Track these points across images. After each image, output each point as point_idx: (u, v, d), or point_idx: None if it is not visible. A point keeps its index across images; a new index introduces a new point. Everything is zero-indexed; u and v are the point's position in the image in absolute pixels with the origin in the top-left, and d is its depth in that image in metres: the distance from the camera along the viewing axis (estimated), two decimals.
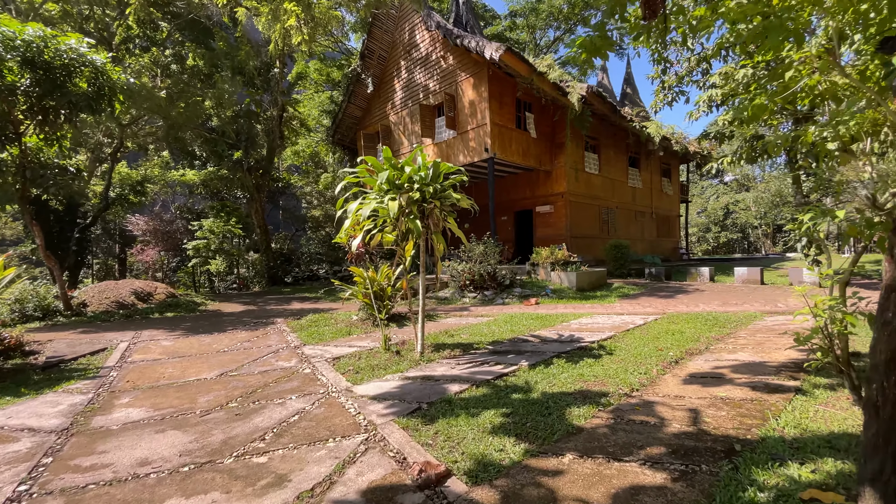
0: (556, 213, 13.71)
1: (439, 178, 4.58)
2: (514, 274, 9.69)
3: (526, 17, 24.14)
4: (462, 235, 4.92)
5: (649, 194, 18.76)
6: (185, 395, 3.93)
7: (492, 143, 11.35)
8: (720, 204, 48.03)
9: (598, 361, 4.35)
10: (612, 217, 15.96)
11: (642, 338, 5.30)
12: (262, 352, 5.57)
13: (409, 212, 4.30)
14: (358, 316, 7.34)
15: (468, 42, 10.67)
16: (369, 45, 14.38)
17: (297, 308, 9.47)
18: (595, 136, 15.07)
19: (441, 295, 9.59)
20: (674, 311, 7.03)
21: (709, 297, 8.29)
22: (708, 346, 4.86)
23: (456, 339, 5.69)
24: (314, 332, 6.49)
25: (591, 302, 8.40)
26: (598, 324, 6.23)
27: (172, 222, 16.92)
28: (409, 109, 13.93)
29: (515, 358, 4.55)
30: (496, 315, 7.32)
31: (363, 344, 5.64)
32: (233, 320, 8.19)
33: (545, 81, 11.32)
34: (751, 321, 6.04)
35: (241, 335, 6.70)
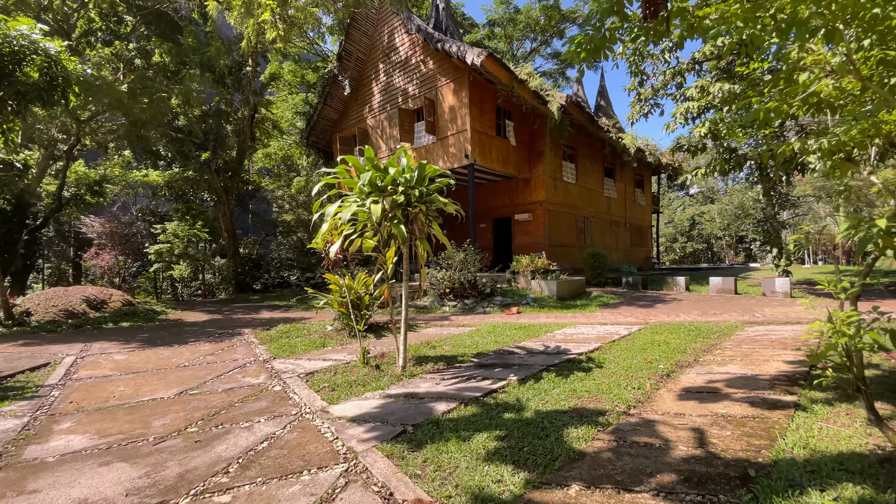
0: (534, 222, 13.68)
1: (425, 182, 4.33)
2: (495, 282, 9.51)
3: (504, 27, 24.37)
4: (447, 242, 4.67)
5: (623, 204, 19.08)
6: (138, 419, 3.49)
7: (472, 149, 11.20)
8: (686, 215, 49.77)
9: (588, 375, 4.17)
10: (589, 226, 16.10)
11: (629, 349, 5.18)
12: (228, 366, 5.13)
13: (393, 216, 4.02)
14: (333, 326, 6.95)
15: (449, 46, 10.52)
16: (347, 47, 14.05)
17: (266, 317, 8.95)
18: (573, 146, 15.20)
19: (420, 303, 9.29)
20: (655, 321, 6.98)
21: (687, 307, 8.33)
22: (696, 357, 4.76)
23: (438, 350, 5.41)
24: (285, 343, 6.07)
25: (572, 311, 8.29)
26: (583, 334, 6.09)
27: (132, 224, 15.91)
28: (388, 113, 13.65)
29: (503, 372, 4.31)
30: (478, 325, 7.09)
31: (339, 357, 5.28)
32: (195, 331, 7.62)
33: (526, 89, 11.29)
34: (733, 331, 6.03)
35: (203, 347, 6.20)
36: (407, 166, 4.18)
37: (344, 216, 3.73)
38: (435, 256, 11.38)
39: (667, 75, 12.06)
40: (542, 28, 24.87)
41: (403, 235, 3.81)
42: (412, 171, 4.18)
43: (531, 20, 24.04)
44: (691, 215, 49.65)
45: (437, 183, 4.31)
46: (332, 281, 6.28)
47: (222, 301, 13.65)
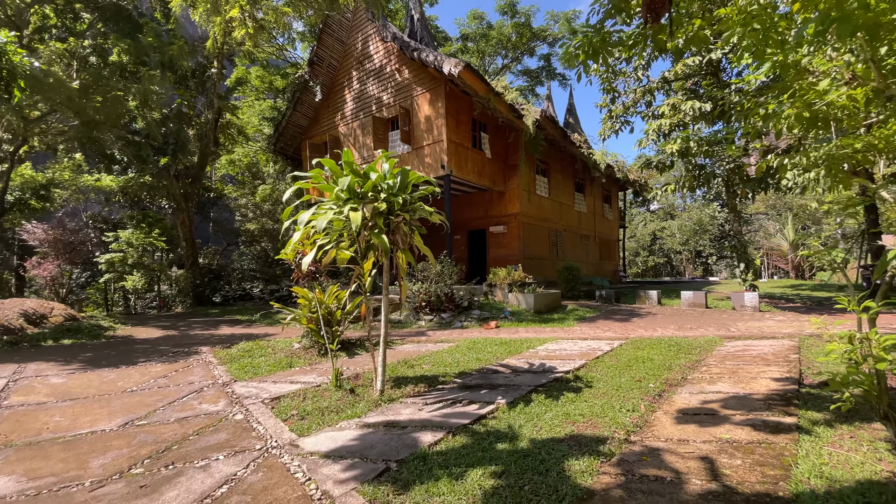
0: (509, 234, 13.60)
1: (407, 189, 4.03)
2: (472, 295, 9.25)
3: (477, 42, 24.64)
4: (429, 253, 4.37)
5: (593, 219, 19.41)
6: (74, 457, 2.98)
7: (448, 160, 11.01)
8: (648, 230, 51.58)
9: (579, 396, 3.94)
10: (561, 239, 16.21)
11: (615, 366, 5.01)
12: (182, 391, 4.59)
13: (374, 225, 3.69)
14: (300, 344, 6.46)
15: (426, 56, 10.36)
16: (319, 52, 13.66)
17: (226, 333, 8.30)
18: (545, 161, 15.32)
19: (395, 318, 8.89)
20: (635, 335, 6.90)
21: (663, 321, 8.34)
22: (684, 375, 4.64)
23: (418, 370, 5.06)
24: (247, 364, 5.54)
25: (550, 325, 8.13)
26: (566, 350, 5.89)
27: (78, 232, 14.64)
28: (361, 121, 13.30)
29: (490, 394, 4.02)
30: (457, 341, 6.78)
31: (308, 379, 4.83)
32: (146, 349, 6.91)
33: (501, 102, 11.27)
34: (713, 347, 6.00)
35: (155, 369, 5.57)
36: (389, 172, 3.87)
37: (319, 224, 3.37)
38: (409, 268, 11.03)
39: (637, 93, 12.38)
40: (513, 45, 25.33)
41: (385, 246, 3.49)
42: (394, 177, 3.87)
43: (503, 37, 24.44)
44: (652, 230, 51.52)
45: (420, 191, 4.02)
46: (301, 294, 5.83)
47: (178, 315, 12.71)
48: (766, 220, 41.80)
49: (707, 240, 46.24)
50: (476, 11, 23.46)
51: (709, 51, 9.52)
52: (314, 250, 3.65)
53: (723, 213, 46.16)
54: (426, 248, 4.34)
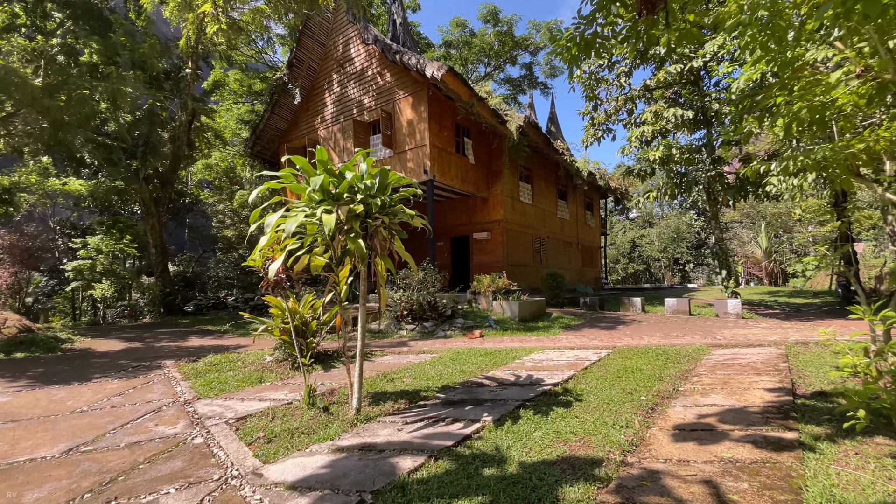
0: (493, 241, 13.43)
1: (387, 190, 3.77)
2: (455, 303, 9.00)
3: (459, 49, 24.66)
4: (411, 260, 4.10)
5: (575, 226, 19.45)
6: (6, 488, 2.61)
7: (431, 164, 10.78)
8: (627, 238, 52.35)
9: (569, 412, 3.71)
10: (544, 246, 16.13)
11: (604, 378, 4.81)
12: (138, 411, 4.18)
13: (350, 229, 3.41)
14: (273, 356, 6.08)
15: (408, 59, 10.16)
16: (298, 54, 13.32)
17: (195, 345, 7.82)
18: (529, 168, 15.26)
19: (375, 327, 8.56)
20: (622, 344, 6.75)
21: (649, 329, 8.24)
22: (676, 386, 4.46)
23: (398, 384, 4.76)
24: (214, 379, 5.15)
25: (536, 334, 7.92)
26: (553, 361, 5.68)
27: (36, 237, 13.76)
28: (342, 125, 12.99)
29: (475, 410, 3.75)
30: (440, 351, 6.50)
31: (279, 395, 4.48)
32: (104, 364, 6.41)
33: (485, 107, 11.14)
34: (701, 355, 5.87)
35: (111, 386, 5.12)
36: (367, 172, 3.60)
37: (288, 228, 3.07)
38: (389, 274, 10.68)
39: (619, 101, 12.43)
40: (496, 53, 25.43)
41: (362, 252, 3.21)
42: (373, 178, 3.61)
43: (486, 45, 24.52)
44: (632, 238, 52.32)
45: (401, 192, 3.76)
46: (274, 304, 5.48)
47: (146, 326, 12.05)
48: (739, 228, 42.89)
49: (685, 247, 47.18)
50: (459, 19, 23.53)
51: (689, 59, 9.59)
52: (283, 256, 3.34)
53: (699, 221, 47.25)
54: (407, 254, 4.08)
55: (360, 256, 3.18)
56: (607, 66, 11.10)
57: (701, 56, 9.36)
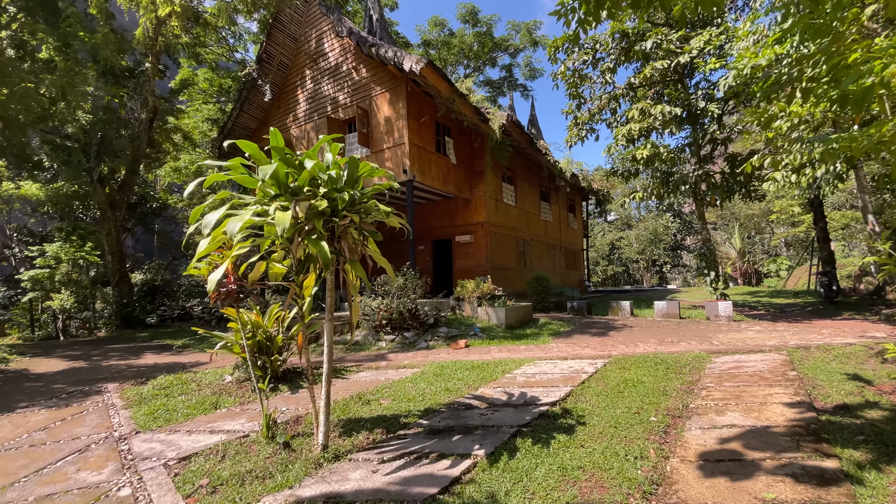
0: (476, 244, 12.93)
1: (358, 184, 3.20)
2: (438, 310, 8.43)
3: (439, 49, 24.23)
4: (387, 265, 3.53)
5: (558, 228, 19.17)
6: None
7: (411, 164, 10.22)
8: (606, 240, 52.84)
9: (573, 439, 3.21)
10: (528, 249, 15.74)
11: (605, 393, 4.33)
12: (61, 450, 3.49)
13: (311, 229, 2.83)
14: (233, 376, 5.39)
15: (384, 52, 9.60)
16: (268, 49, 12.59)
17: (148, 363, 7.02)
18: (511, 168, 14.87)
19: (351, 339, 7.91)
20: (617, 353, 6.31)
21: (642, 335, 7.85)
22: (685, 402, 4.01)
23: (374, 407, 4.17)
24: (160, 406, 4.44)
25: (525, 342, 7.43)
26: (547, 374, 5.17)
27: None
28: (315, 123, 12.31)
29: (464, 441, 3.20)
30: (422, 365, 5.93)
31: (234, 426, 3.83)
32: (36, 388, 5.58)
33: (466, 104, 10.66)
34: (703, 364, 5.47)
35: (36, 418, 4.35)
36: (332, 161, 3.03)
37: (231, 228, 2.47)
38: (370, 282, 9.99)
39: (602, 100, 12.15)
40: (475, 54, 25.11)
41: (326, 256, 2.63)
42: (339, 168, 3.03)
43: (465, 45, 24.17)
44: (611, 240, 52.83)
45: (374, 186, 3.19)
46: (233, 317, 4.81)
47: (98, 341, 11.03)
48: (712, 229, 43.71)
49: (662, 249, 47.85)
50: (437, 18, 23.10)
51: (676, 55, 9.35)
52: (225, 264, 2.73)
53: (675, 223, 47.97)
54: (383, 259, 3.51)
55: (323, 262, 2.60)
56: (591, 62, 10.80)
57: (687, 52, 9.11)
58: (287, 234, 2.48)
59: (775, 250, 37.41)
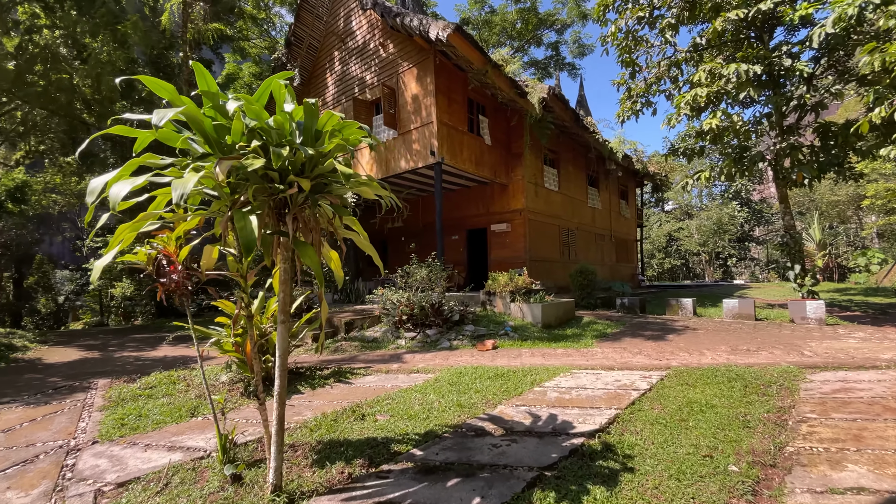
0: (513, 233, 11.88)
1: (322, 142, 2.39)
2: (466, 305, 7.57)
3: (479, 29, 23.02)
4: (374, 253, 2.73)
5: (608, 216, 17.59)
6: None
7: (439, 145, 9.36)
8: (663, 231, 49.35)
9: (616, 493, 2.27)
10: (573, 239, 14.43)
11: (662, 422, 3.30)
12: (6, 459, 3.07)
13: (241, 200, 2.07)
14: (227, 376, 4.84)
15: (409, 21, 8.76)
16: (297, 31, 12.16)
17: (158, 356, 6.73)
18: (554, 150, 13.59)
19: (369, 335, 7.25)
20: (678, 362, 5.16)
21: (709, 340, 6.57)
22: (778, 442, 2.91)
23: (367, 425, 3.41)
24: (135, 410, 3.94)
25: (563, 345, 6.41)
26: (587, 390, 4.18)
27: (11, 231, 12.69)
28: (343, 106, 11.74)
29: (460, 490, 2.35)
30: (439, 370, 5.11)
31: (199, 442, 3.22)
32: (31, 381, 5.33)
33: (500, 76, 9.61)
34: (794, 383, 4.23)
35: (8, 416, 3.99)
36: (283, 111, 2.24)
37: (116, 193, 1.75)
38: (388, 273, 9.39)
39: (661, 67, 10.61)
40: (518, 33, 23.66)
41: (248, 236, 1.85)
42: (286, 116, 2.24)
43: (507, 23, 22.78)
44: (668, 231, 49.30)
45: (336, 141, 2.34)
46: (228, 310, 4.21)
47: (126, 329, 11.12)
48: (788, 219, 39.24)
49: (727, 240, 43.85)
50: None
51: (755, 1, 7.76)
52: (115, 248, 2.03)
53: (743, 211, 43.83)
54: (369, 246, 2.72)
55: (243, 242, 1.81)
56: (648, 20, 9.35)
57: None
58: (182, 202, 1.71)
59: (863, 242, 33.03)
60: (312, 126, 2.37)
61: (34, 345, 7.65)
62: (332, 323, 7.96)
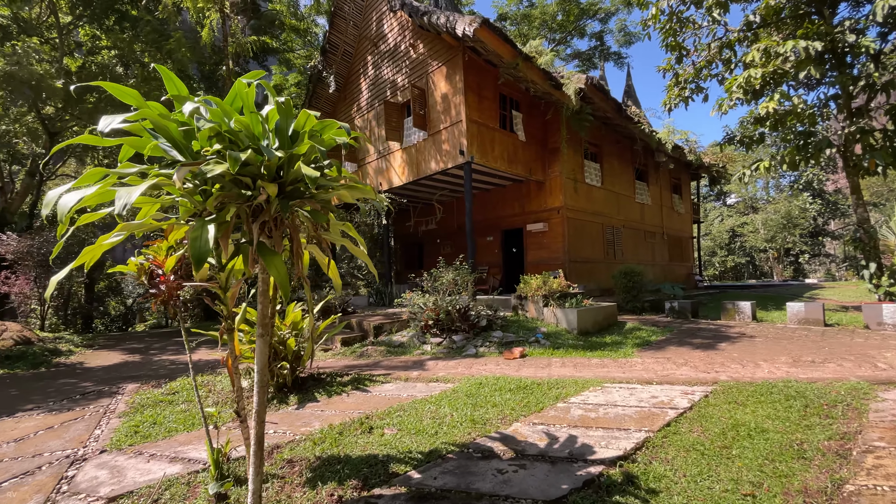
0: (550, 233, 11.36)
1: (300, 143, 2.23)
2: (495, 310, 7.26)
3: (518, 24, 22.47)
4: (367, 260, 2.55)
5: (659, 212, 16.48)
6: None
7: (468, 143, 9.10)
8: (725, 227, 45.90)
9: None
10: (618, 238, 13.61)
11: (700, 449, 2.86)
12: (9, 470, 3.15)
13: (201, 211, 1.95)
14: (247, 382, 4.88)
15: (436, 19, 8.58)
16: (332, 39, 12.37)
17: (193, 360, 6.98)
18: (596, 143, 12.89)
19: (396, 339, 7.14)
20: (727, 376, 4.58)
21: (767, 349, 5.84)
22: (836, 478, 2.42)
23: (372, 439, 3.25)
24: (150, 417, 4.02)
25: (598, 354, 5.94)
26: (616, 407, 3.77)
27: None
28: (376, 110, 11.79)
29: None
30: (460, 379, 4.87)
31: (201, 453, 3.22)
32: (63, 386, 5.58)
33: (533, 69, 9.18)
34: (864, 402, 3.60)
35: (26, 424, 4.13)
36: (248, 105, 2.12)
37: (64, 203, 1.68)
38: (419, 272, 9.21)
39: (711, 49, 9.72)
40: (559, 25, 22.85)
41: (202, 247, 1.72)
42: (256, 119, 2.10)
43: (547, 16, 22.05)
44: (731, 227, 45.80)
45: (307, 143, 2.17)
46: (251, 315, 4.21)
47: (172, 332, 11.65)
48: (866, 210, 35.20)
49: (797, 235, 40.00)
50: None
51: None
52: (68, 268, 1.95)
53: (815, 203, 39.91)
54: (362, 252, 2.55)
55: (192, 255, 1.68)
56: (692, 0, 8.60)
57: None
58: (124, 212, 1.60)
59: None
60: (287, 127, 2.22)
61: (79, 349, 8.20)
62: (362, 327, 7.93)
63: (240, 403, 2.49)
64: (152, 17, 10.50)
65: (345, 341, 7.31)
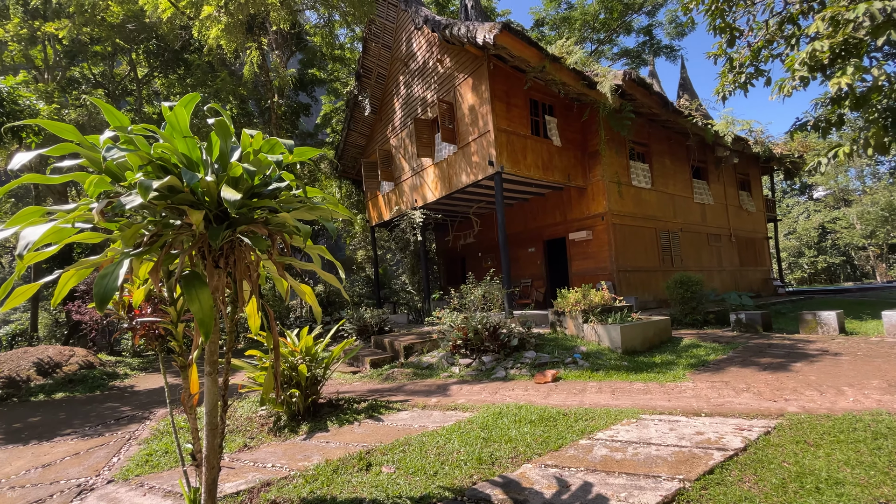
0: (595, 241, 10.60)
1: (235, 167, 2.08)
2: (529, 327, 6.76)
3: (558, 28, 21.87)
4: (336, 282, 2.35)
5: (724, 212, 14.95)
6: None
7: (497, 153, 8.76)
8: (812, 223, 41.11)
9: None
10: (675, 243, 12.44)
11: None
12: (24, 497, 3.23)
13: (138, 243, 1.84)
14: (265, 409, 4.84)
15: (458, 30, 8.42)
16: (365, 63, 12.67)
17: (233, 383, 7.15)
18: (643, 142, 11.98)
19: (426, 360, 6.87)
20: (797, 407, 3.81)
21: (854, 372, 4.86)
22: None
23: (367, 479, 3.00)
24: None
25: (643, 377, 5.27)
26: (650, 444, 3.22)
27: None
28: (409, 129, 11.82)
29: None
30: (479, 408, 4.49)
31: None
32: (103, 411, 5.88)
33: (562, 70, 8.68)
34: None
35: (57, 449, 4.34)
36: (181, 126, 2.01)
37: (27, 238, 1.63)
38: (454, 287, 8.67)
39: (769, 27, 8.67)
40: (602, 24, 21.94)
41: (109, 285, 1.59)
42: (192, 141, 1.98)
43: (589, 16, 21.27)
44: (819, 223, 40.96)
45: (234, 164, 2.00)
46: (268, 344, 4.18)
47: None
48: None
49: None
50: None
51: None
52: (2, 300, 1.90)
53: None
54: (332, 277, 2.37)
55: (96, 294, 1.55)
56: None
57: None
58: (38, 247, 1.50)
59: None
60: (227, 150, 2.08)
61: (135, 372, 8.76)
62: (394, 347, 7.76)
63: (195, 445, 2.34)
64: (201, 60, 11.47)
65: (374, 363, 7.17)
